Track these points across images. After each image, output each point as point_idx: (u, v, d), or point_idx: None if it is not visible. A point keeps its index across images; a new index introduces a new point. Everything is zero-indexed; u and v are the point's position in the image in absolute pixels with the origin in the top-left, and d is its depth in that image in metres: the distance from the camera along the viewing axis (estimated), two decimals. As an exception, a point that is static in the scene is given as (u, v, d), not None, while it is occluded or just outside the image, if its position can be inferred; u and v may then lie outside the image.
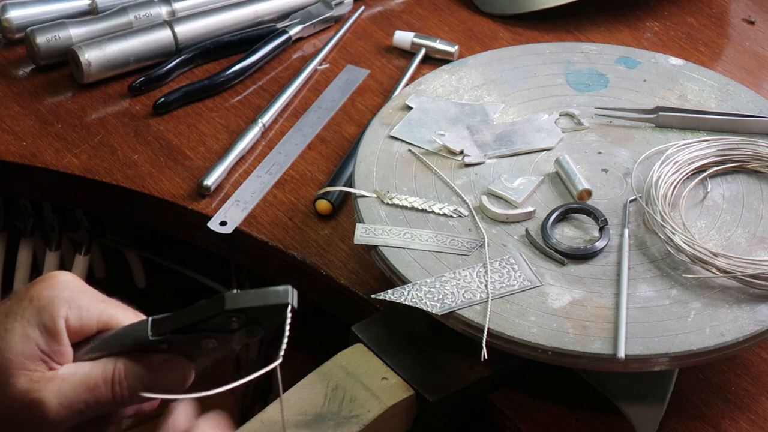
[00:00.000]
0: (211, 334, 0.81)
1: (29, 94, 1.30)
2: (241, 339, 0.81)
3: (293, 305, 0.78)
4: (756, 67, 1.35)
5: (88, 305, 0.83)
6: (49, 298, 0.82)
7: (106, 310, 0.83)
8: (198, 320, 0.79)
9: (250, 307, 0.78)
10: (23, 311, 0.81)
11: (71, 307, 0.82)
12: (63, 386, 0.81)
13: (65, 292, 0.82)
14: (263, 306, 0.78)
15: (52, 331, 0.81)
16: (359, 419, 0.92)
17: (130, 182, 1.19)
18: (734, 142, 1.09)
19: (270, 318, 0.79)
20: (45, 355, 0.81)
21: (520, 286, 0.97)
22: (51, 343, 0.81)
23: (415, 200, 1.05)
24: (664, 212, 1.01)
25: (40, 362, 0.81)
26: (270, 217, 1.15)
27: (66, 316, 0.81)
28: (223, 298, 0.78)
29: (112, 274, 1.55)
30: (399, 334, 1.00)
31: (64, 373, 0.81)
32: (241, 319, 0.79)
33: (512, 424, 0.98)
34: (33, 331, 0.81)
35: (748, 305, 0.96)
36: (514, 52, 1.22)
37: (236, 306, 0.78)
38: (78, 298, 0.82)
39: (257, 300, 0.78)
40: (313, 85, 1.32)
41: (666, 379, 0.98)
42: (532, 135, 1.12)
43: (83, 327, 0.82)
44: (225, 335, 0.81)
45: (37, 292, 0.82)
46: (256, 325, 0.80)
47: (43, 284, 0.83)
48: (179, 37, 1.33)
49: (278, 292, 0.78)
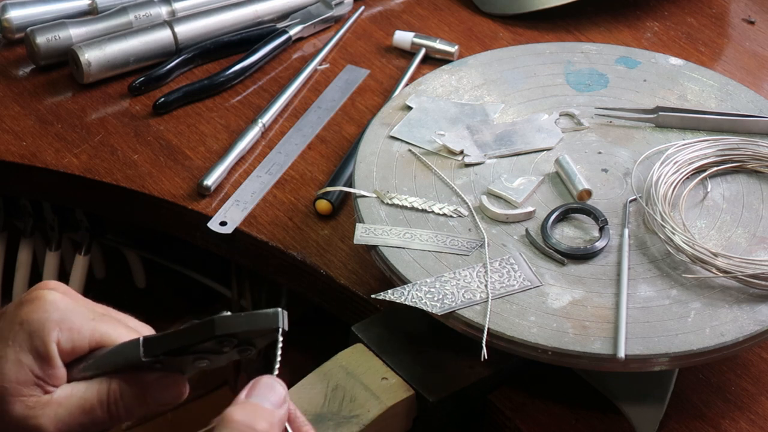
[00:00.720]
0: (202, 355, 0.81)
1: (29, 94, 1.30)
2: (232, 357, 0.82)
3: (284, 328, 0.78)
4: (756, 67, 1.35)
5: (79, 326, 0.82)
6: (39, 322, 0.81)
7: (97, 329, 0.83)
8: (188, 343, 0.79)
9: (240, 332, 0.78)
10: (14, 336, 0.81)
11: (62, 329, 0.81)
12: (59, 411, 0.81)
13: (55, 313, 0.82)
14: (253, 330, 0.78)
15: (44, 355, 0.81)
16: (359, 419, 0.92)
17: (130, 182, 1.19)
18: (734, 142, 1.09)
19: (261, 339, 0.79)
20: (39, 380, 0.81)
21: (520, 286, 0.97)
22: (44, 367, 0.81)
23: (415, 200, 1.05)
24: (664, 212, 1.01)
25: (35, 387, 0.81)
26: (270, 217, 1.15)
27: (57, 339, 0.81)
28: (213, 323, 0.78)
29: (112, 274, 1.55)
30: (399, 334, 1.00)
31: (60, 396, 0.81)
32: (231, 342, 0.79)
33: (512, 424, 0.98)
34: (26, 357, 0.80)
35: (748, 305, 0.96)
36: (514, 52, 1.22)
37: (226, 331, 0.78)
38: (68, 318, 0.82)
39: (247, 324, 0.78)
40: (313, 85, 1.32)
41: (666, 379, 0.98)
42: (532, 135, 1.12)
43: (75, 348, 0.82)
44: (216, 355, 0.81)
45: (26, 315, 0.81)
46: (248, 345, 0.80)
47: (32, 306, 0.82)
48: (179, 37, 1.33)
49: (268, 316, 0.78)
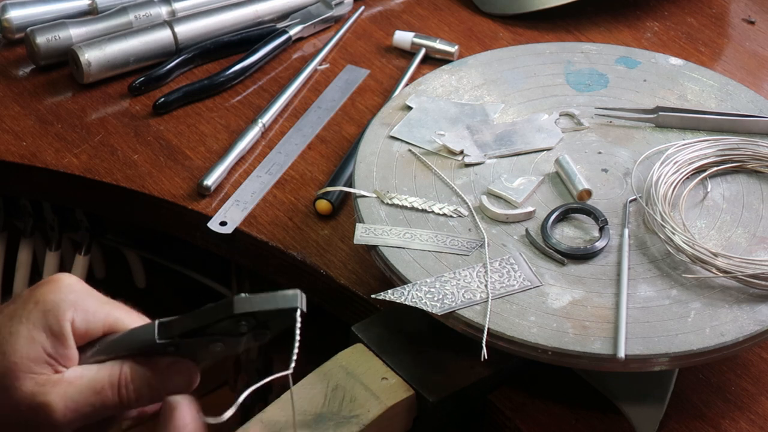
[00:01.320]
0: (218, 337, 0.80)
1: (29, 94, 1.30)
2: (248, 342, 0.81)
3: (303, 309, 0.78)
4: (756, 67, 1.35)
5: (93, 308, 0.82)
6: (54, 301, 0.81)
7: (111, 313, 0.83)
8: (206, 324, 0.79)
9: (259, 311, 0.78)
10: (28, 314, 0.81)
11: (77, 310, 0.81)
12: (69, 390, 0.81)
13: (71, 295, 0.82)
14: (273, 310, 0.78)
15: (58, 334, 0.81)
16: (359, 419, 0.92)
17: (130, 182, 1.19)
18: (734, 142, 1.09)
19: (278, 321, 0.79)
20: (51, 359, 0.81)
21: (520, 286, 0.97)
22: (57, 346, 0.81)
23: (415, 200, 1.05)
24: (664, 212, 1.01)
25: (45, 365, 0.81)
26: (270, 217, 1.15)
27: (72, 319, 0.81)
28: (232, 302, 0.78)
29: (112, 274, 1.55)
30: (399, 334, 1.00)
31: (71, 376, 0.81)
32: (250, 323, 0.79)
33: (512, 424, 0.98)
34: (39, 335, 0.80)
35: (748, 305, 0.96)
36: (514, 52, 1.22)
37: (245, 310, 0.78)
38: (83, 301, 0.82)
39: (266, 304, 0.78)
40: (313, 85, 1.32)
41: (666, 379, 0.98)
42: (532, 135, 1.12)
43: (89, 330, 0.82)
44: (232, 338, 0.81)
45: (42, 295, 0.82)
46: (264, 329, 0.80)
47: (48, 287, 0.82)
48: (179, 37, 1.33)
49: (287, 296, 0.78)
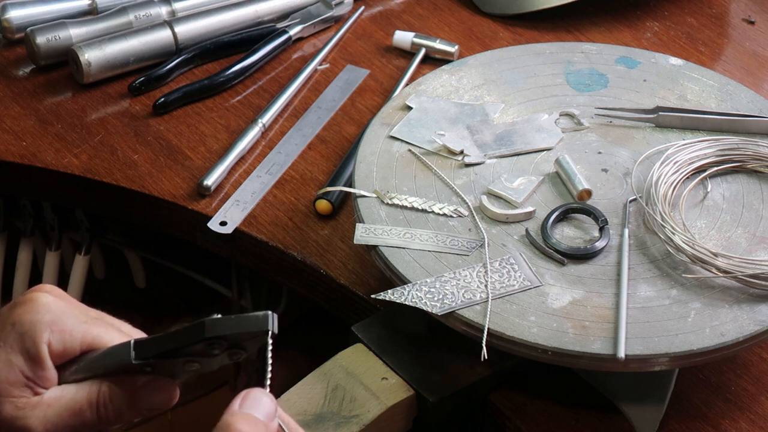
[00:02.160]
0: (193, 357, 0.81)
1: (29, 94, 1.30)
2: (223, 361, 0.82)
3: (273, 331, 0.78)
4: (756, 67, 1.35)
5: (71, 328, 0.82)
6: (31, 323, 0.81)
7: (89, 331, 0.83)
8: (179, 346, 0.80)
9: (230, 334, 0.78)
10: (6, 337, 0.81)
11: (53, 331, 0.82)
12: (48, 412, 0.81)
13: (47, 315, 0.82)
14: (243, 333, 0.78)
15: (35, 357, 0.81)
16: (359, 419, 0.92)
17: (130, 182, 1.19)
18: (734, 142, 1.09)
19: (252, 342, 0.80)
20: (29, 381, 0.81)
21: (520, 286, 0.97)
22: (35, 368, 0.81)
23: (415, 200, 1.05)
24: (664, 212, 1.01)
25: (24, 388, 0.81)
26: (270, 217, 1.15)
27: (48, 341, 0.81)
28: (203, 325, 0.78)
29: (112, 274, 1.55)
30: (399, 334, 1.00)
31: (50, 398, 0.81)
32: (221, 345, 0.79)
33: (512, 424, 0.98)
34: (16, 358, 0.81)
35: (748, 305, 0.96)
36: (514, 52, 1.22)
37: (216, 333, 0.78)
38: (60, 320, 0.82)
39: (237, 327, 0.78)
40: (313, 85, 1.32)
41: (666, 379, 0.98)
42: (532, 135, 1.12)
43: (66, 350, 0.82)
44: (207, 358, 0.81)
45: (18, 317, 0.82)
46: (238, 349, 0.80)
47: (24, 308, 0.82)
48: (179, 37, 1.33)
49: (258, 318, 0.78)
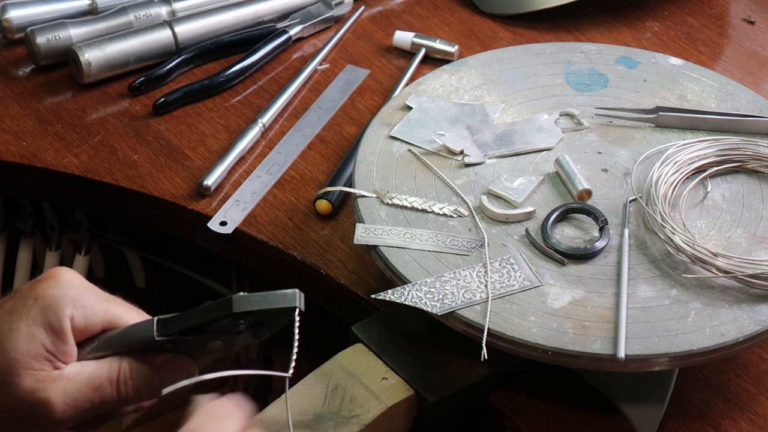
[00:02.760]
0: (217, 335, 0.81)
1: (29, 94, 1.30)
2: (246, 340, 0.82)
3: (301, 308, 0.78)
4: (756, 67, 1.35)
5: (93, 304, 0.83)
6: (54, 297, 0.81)
7: (110, 309, 0.83)
8: (205, 322, 0.80)
9: (258, 310, 0.78)
10: (28, 310, 0.81)
11: (76, 306, 0.82)
12: (68, 386, 0.81)
13: (70, 290, 0.82)
14: (271, 309, 0.78)
15: (57, 330, 0.81)
16: (359, 419, 0.92)
17: (130, 182, 1.19)
18: (734, 142, 1.09)
19: (276, 320, 0.80)
20: (50, 355, 0.81)
21: (520, 286, 0.97)
22: (56, 342, 0.81)
23: (415, 200, 1.05)
24: (664, 212, 1.01)
25: (45, 361, 0.81)
26: (270, 217, 1.15)
27: (71, 315, 0.81)
28: (231, 301, 0.78)
29: (112, 274, 1.55)
30: (399, 334, 1.00)
31: (70, 372, 0.82)
32: (248, 322, 0.79)
33: (512, 424, 0.98)
34: (38, 331, 0.81)
35: (748, 305, 0.96)
36: (514, 52, 1.22)
37: (244, 309, 0.78)
38: (83, 296, 0.82)
39: (265, 303, 0.78)
40: (313, 85, 1.32)
41: (666, 379, 0.98)
42: (532, 135, 1.12)
43: (88, 326, 0.82)
44: (231, 336, 0.81)
45: (42, 291, 0.82)
46: (262, 327, 0.80)
47: (47, 282, 0.83)
48: (179, 37, 1.33)
49: (286, 296, 0.79)
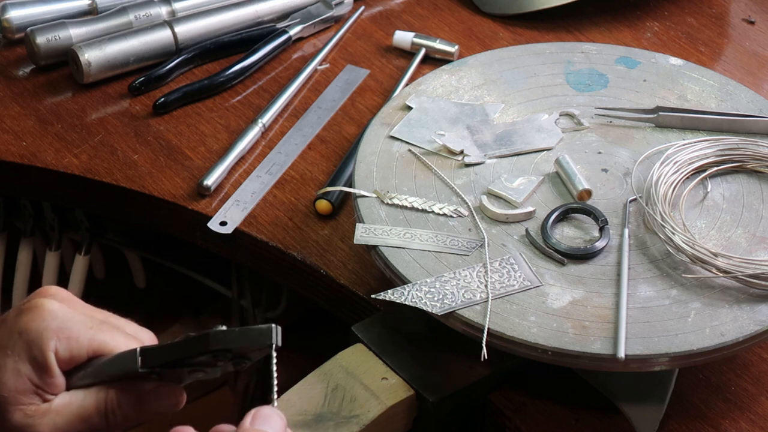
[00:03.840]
0: (198, 367, 0.82)
1: (29, 94, 1.30)
2: (228, 368, 0.83)
3: (278, 344, 0.79)
4: (756, 67, 1.35)
5: (77, 335, 0.83)
6: (37, 331, 0.82)
7: (95, 338, 0.84)
8: (184, 356, 0.81)
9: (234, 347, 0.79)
10: (13, 346, 0.82)
11: (60, 338, 0.82)
12: (58, 419, 0.82)
13: (53, 322, 0.82)
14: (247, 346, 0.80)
15: (42, 364, 0.81)
16: (359, 419, 0.92)
17: (130, 182, 1.19)
18: (734, 142, 1.09)
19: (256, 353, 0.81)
20: (38, 389, 0.82)
21: (520, 286, 0.97)
22: (42, 376, 0.82)
23: (415, 200, 1.05)
24: (664, 212, 1.01)
25: (33, 395, 0.81)
26: (270, 217, 1.15)
27: (55, 348, 0.82)
28: (208, 337, 0.80)
29: (112, 274, 1.55)
30: (399, 334, 1.00)
31: (58, 404, 0.82)
32: (226, 356, 0.81)
33: (512, 424, 0.98)
34: (24, 366, 0.81)
35: (748, 305, 0.96)
36: (514, 52, 1.22)
37: (220, 346, 0.80)
38: (66, 328, 0.83)
39: (241, 340, 0.80)
40: (313, 85, 1.32)
41: (666, 379, 0.98)
42: (532, 135, 1.12)
43: (73, 357, 0.83)
44: (212, 367, 0.82)
45: (25, 325, 0.82)
46: (243, 358, 0.81)
47: (31, 315, 0.83)
48: (179, 37, 1.33)
49: (262, 331, 0.80)
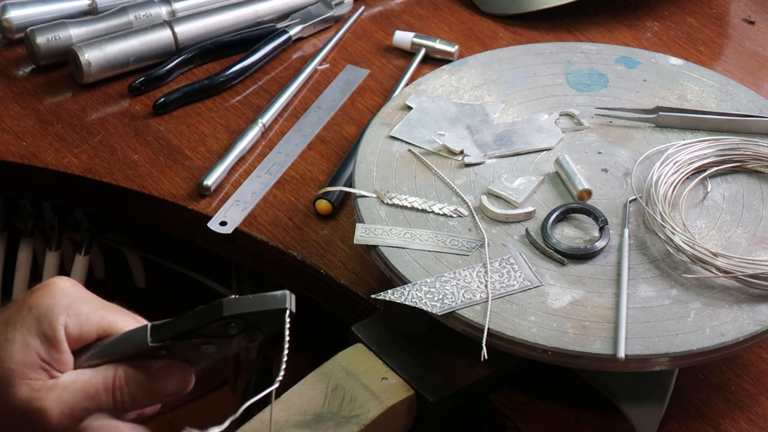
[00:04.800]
0: (210, 339, 0.81)
1: (29, 94, 1.30)
2: (240, 343, 0.82)
3: (291, 310, 0.78)
4: (756, 67, 1.35)
5: (87, 312, 0.83)
6: (48, 306, 0.82)
7: (105, 317, 0.83)
8: (197, 326, 0.80)
9: (248, 312, 0.78)
10: (23, 320, 0.81)
11: (70, 314, 0.82)
12: (64, 394, 0.81)
13: (64, 299, 0.82)
14: (261, 311, 0.78)
15: (51, 339, 0.81)
16: (359, 419, 0.92)
17: (130, 182, 1.19)
18: (734, 142, 1.09)
19: (269, 322, 0.80)
20: (45, 364, 0.81)
21: (520, 286, 0.97)
22: (51, 351, 0.81)
23: (415, 200, 1.05)
24: (664, 212, 1.01)
25: (40, 371, 0.81)
26: (270, 217, 1.15)
27: (65, 324, 0.82)
28: (221, 304, 0.78)
29: (112, 274, 1.55)
30: (399, 334, 1.00)
31: (65, 380, 0.82)
32: (239, 325, 0.79)
33: (512, 424, 0.98)
34: (33, 340, 0.81)
35: (748, 305, 0.96)
36: (514, 52, 1.22)
37: (234, 312, 0.78)
38: (77, 305, 0.83)
39: (255, 305, 0.78)
40: (313, 85, 1.32)
41: (666, 379, 0.98)
42: (532, 135, 1.12)
43: (83, 334, 0.82)
44: (224, 340, 0.81)
45: (36, 301, 0.82)
46: (255, 330, 0.80)
47: (42, 292, 0.83)
48: (179, 37, 1.33)
49: (276, 297, 0.78)
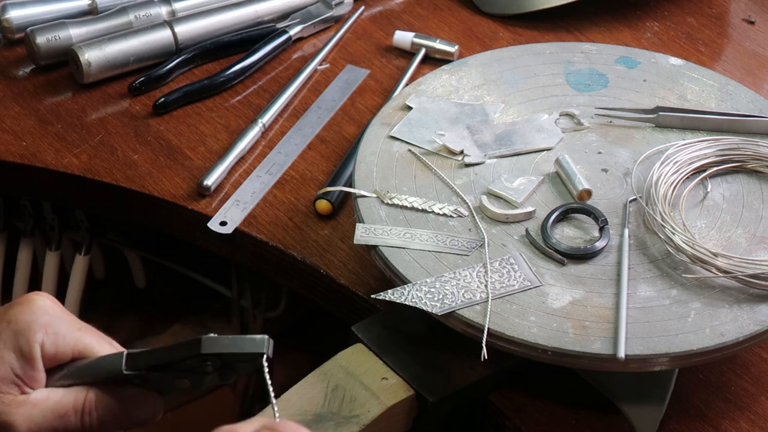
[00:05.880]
0: (184, 373, 0.82)
1: (29, 94, 1.30)
2: (214, 380, 0.82)
3: (269, 355, 0.79)
4: (756, 67, 1.35)
5: (64, 332, 0.83)
6: (26, 322, 0.82)
7: (82, 339, 0.83)
8: (173, 360, 0.81)
9: (226, 353, 0.79)
10: (0, 333, 0.81)
11: (48, 332, 0.82)
12: (34, 411, 0.82)
13: (43, 317, 0.82)
14: (239, 353, 0.79)
15: (27, 355, 0.81)
16: (359, 419, 0.92)
17: (130, 182, 1.19)
18: (734, 142, 1.09)
19: (245, 364, 0.81)
20: (18, 379, 0.81)
21: (520, 286, 0.97)
22: (25, 367, 0.81)
23: (415, 200, 1.05)
24: (664, 212, 1.01)
25: (12, 385, 0.81)
26: (270, 217, 1.15)
27: (42, 341, 0.82)
28: (200, 341, 0.79)
29: (112, 274, 1.55)
30: (399, 334, 1.00)
31: (36, 398, 0.82)
32: (216, 363, 0.80)
33: (512, 424, 0.98)
34: (8, 354, 0.81)
35: (748, 305, 0.96)
36: (514, 52, 1.22)
37: (212, 350, 0.79)
38: (55, 324, 0.83)
39: (233, 347, 0.80)
40: (313, 85, 1.32)
41: (666, 379, 0.98)
42: (532, 135, 1.12)
43: (58, 353, 0.83)
44: (198, 376, 0.82)
45: (15, 315, 0.82)
46: (231, 370, 0.81)
47: (21, 307, 0.83)
48: (179, 37, 1.33)
49: (255, 341, 0.80)
